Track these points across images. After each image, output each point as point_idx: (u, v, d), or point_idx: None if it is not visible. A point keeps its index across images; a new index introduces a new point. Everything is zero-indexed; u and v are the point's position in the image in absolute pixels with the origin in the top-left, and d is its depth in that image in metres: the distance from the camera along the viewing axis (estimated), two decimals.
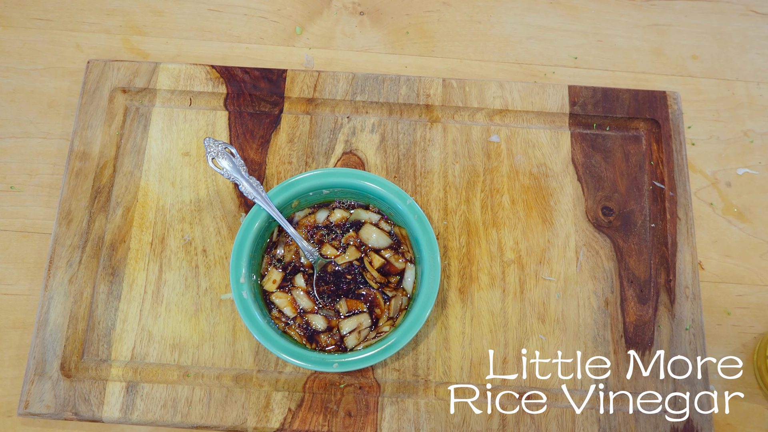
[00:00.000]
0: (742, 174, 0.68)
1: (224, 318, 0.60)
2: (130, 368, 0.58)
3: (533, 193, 0.65)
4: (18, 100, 0.69)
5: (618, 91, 0.68)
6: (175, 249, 0.62)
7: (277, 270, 0.60)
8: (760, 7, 0.75)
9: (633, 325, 0.61)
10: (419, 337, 0.60)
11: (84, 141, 0.65)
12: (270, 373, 0.58)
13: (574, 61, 0.72)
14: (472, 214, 0.64)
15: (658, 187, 0.65)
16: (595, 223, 0.64)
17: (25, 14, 0.73)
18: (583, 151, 0.67)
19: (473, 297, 0.61)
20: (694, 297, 0.61)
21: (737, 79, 0.72)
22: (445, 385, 0.58)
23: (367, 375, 0.58)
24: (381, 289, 0.59)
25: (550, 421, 0.57)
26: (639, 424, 0.57)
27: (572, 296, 0.61)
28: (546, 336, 0.60)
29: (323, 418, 0.57)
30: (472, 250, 0.63)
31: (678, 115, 0.68)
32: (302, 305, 0.59)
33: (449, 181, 0.65)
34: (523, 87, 0.68)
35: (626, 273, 0.62)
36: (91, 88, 0.67)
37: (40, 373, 0.58)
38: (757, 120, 0.70)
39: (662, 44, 0.73)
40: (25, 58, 0.71)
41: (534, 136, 0.67)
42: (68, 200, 0.63)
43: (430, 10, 0.74)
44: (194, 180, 0.65)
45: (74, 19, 0.73)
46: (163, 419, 0.57)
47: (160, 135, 0.66)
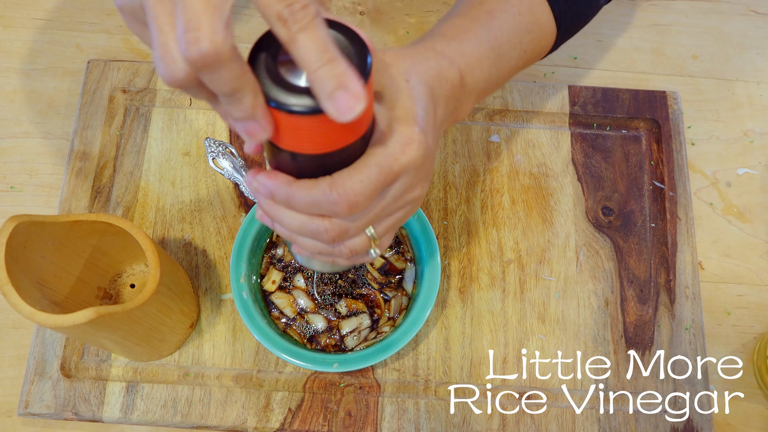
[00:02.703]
0: (742, 174, 0.68)
1: (224, 318, 0.60)
2: (130, 368, 0.58)
3: (533, 193, 0.65)
4: (18, 100, 0.69)
5: (618, 91, 0.68)
6: (175, 249, 0.62)
7: (277, 270, 0.60)
8: (760, 7, 0.75)
9: (633, 325, 0.61)
10: (419, 337, 0.60)
11: (84, 141, 0.65)
12: (270, 373, 0.58)
13: (573, 61, 0.72)
14: (472, 214, 0.64)
15: (658, 187, 0.65)
16: (595, 223, 0.64)
17: (25, 14, 0.73)
18: (583, 151, 0.67)
19: (473, 297, 0.61)
20: (694, 297, 0.61)
21: (737, 79, 0.72)
22: (445, 385, 0.58)
23: (367, 375, 0.58)
24: (381, 289, 0.59)
25: (550, 421, 0.57)
26: (639, 424, 0.57)
27: (572, 296, 0.61)
28: (546, 336, 0.60)
29: (323, 418, 0.57)
30: (472, 250, 0.63)
31: (678, 115, 0.68)
32: (302, 305, 0.59)
33: (449, 181, 0.65)
34: (523, 87, 0.68)
35: (626, 273, 0.62)
36: (91, 88, 0.67)
37: (40, 373, 0.58)
38: (757, 120, 0.70)
39: (662, 44, 0.73)
40: (25, 58, 0.71)
41: (534, 136, 0.67)
42: (68, 200, 0.63)
43: (430, 10, 0.74)
44: (194, 180, 0.65)
45: (74, 19, 0.73)
46: (163, 419, 0.57)
47: (160, 135, 0.66)
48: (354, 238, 0.37)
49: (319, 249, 0.38)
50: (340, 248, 0.38)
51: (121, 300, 0.59)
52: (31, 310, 0.43)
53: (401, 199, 0.37)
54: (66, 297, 0.52)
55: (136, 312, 0.47)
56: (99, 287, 0.58)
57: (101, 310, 0.43)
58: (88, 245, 0.53)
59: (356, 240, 0.37)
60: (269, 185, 0.34)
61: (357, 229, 0.36)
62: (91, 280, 0.56)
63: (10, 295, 0.43)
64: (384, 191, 0.35)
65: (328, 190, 0.33)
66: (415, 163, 0.35)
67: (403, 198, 0.37)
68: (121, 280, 0.60)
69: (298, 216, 0.35)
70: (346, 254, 0.38)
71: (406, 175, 0.35)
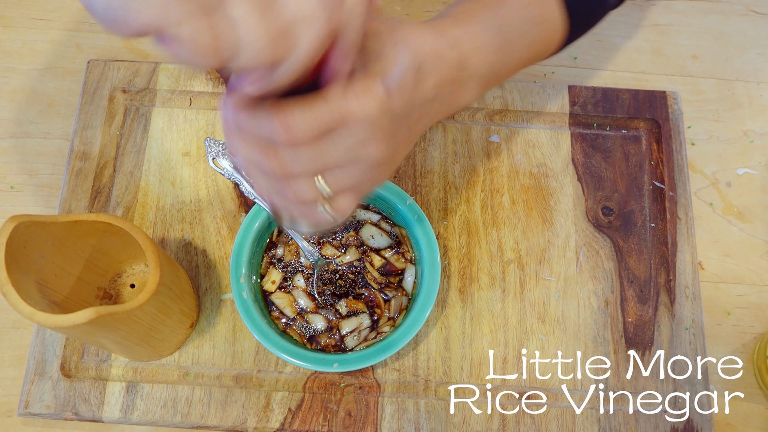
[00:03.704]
0: (742, 174, 0.68)
1: (224, 318, 0.60)
2: (130, 368, 0.58)
3: (533, 193, 0.65)
4: (18, 100, 0.69)
5: (618, 91, 0.68)
6: (175, 249, 0.62)
7: (277, 270, 0.60)
8: (760, 7, 0.75)
9: (633, 325, 0.61)
10: (419, 337, 0.60)
11: (84, 141, 0.65)
12: (270, 373, 0.58)
13: (574, 61, 0.72)
14: (472, 214, 0.64)
15: (658, 187, 0.65)
16: (595, 223, 0.64)
17: (25, 14, 0.73)
18: (583, 151, 0.67)
19: (473, 297, 0.61)
20: (694, 297, 0.61)
21: (737, 79, 0.72)
22: (445, 385, 0.58)
23: (367, 375, 0.58)
24: (381, 289, 0.59)
25: (550, 421, 0.57)
26: (639, 424, 0.57)
27: (572, 296, 0.61)
28: (546, 336, 0.60)
29: (323, 418, 0.57)
30: (472, 250, 0.63)
31: (678, 115, 0.68)
32: (302, 305, 0.59)
33: (449, 181, 0.65)
34: (523, 87, 0.68)
35: (626, 273, 0.62)
36: (91, 88, 0.67)
37: (40, 373, 0.58)
38: (757, 120, 0.70)
39: (662, 44, 0.73)
40: (25, 58, 0.71)
41: (534, 136, 0.67)
42: (68, 200, 0.63)
43: (429, 10, 0.74)
44: (194, 180, 0.65)
45: (74, 19, 0.73)
46: (163, 419, 0.57)
47: (160, 135, 0.66)
48: (300, 182, 0.36)
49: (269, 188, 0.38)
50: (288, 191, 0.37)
51: (121, 300, 0.59)
52: (31, 310, 0.43)
53: (352, 152, 0.35)
54: (66, 297, 0.52)
55: (136, 312, 0.47)
56: (99, 287, 0.58)
57: (101, 310, 0.43)
58: (88, 245, 0.53)
59: (302, 185, 0.36)
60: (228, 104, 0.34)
61: (302, 169, 0.35)
62: (91, 280, 0.56)
63: (10, 295, 0.43)
64: (331, 136, 0.34)
65: (270, 114, 0.32)
66: (368, 115, 0.34)
67: (354, 152, 0.35)
68: (121, 280, 0.60)
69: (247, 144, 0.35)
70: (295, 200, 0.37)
71: (357, 126, 0.34)
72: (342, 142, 0.35)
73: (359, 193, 0.39)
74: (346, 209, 0.39)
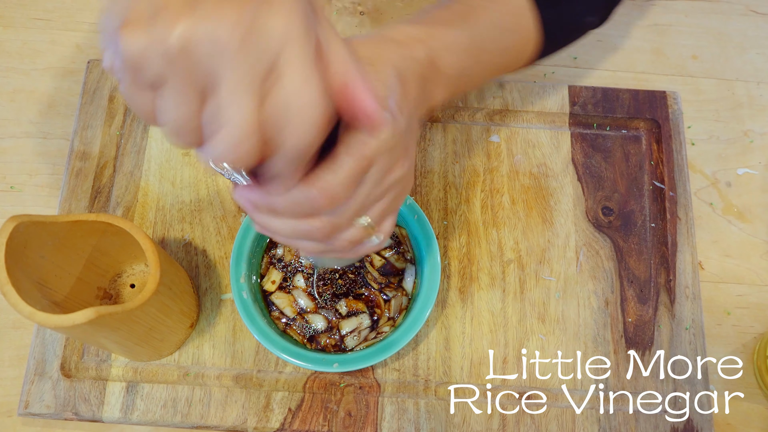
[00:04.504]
0: (742, 174, 0.68)
1: (224, 318, 0.60)
2: (130, 368, 0.58)
3: (533, 193, 0.65)
4: (18, 100, 0.69)
5: (618, 91, 0.68)
6: (174, 249, 0.62)
7: (277, 270, 0.60)
8: (760, 7, 0.75)
9: (633, 325, 0.61)
10: (419, 337, 0.60)
11: (84, 141, 0.65)
12: (270, 373, 0.58)
13: (573, 60, 0.72)
14: (472, 214, 0.64)
15: (658, 187, 0.65)
16: (595, 223, 0.64)
17: (25, 14, 0.73)
18: (583, 151, 0.67)
19: (473, 297, 0.61)
20: (694, 297, 0.61)
21: (737, 79, 0.72)
22: (445, 385, 0.58)
23: (367, 375, 0.58)
24: (381, 289, 0.59)
25: (550, 421, 0.57)
26: (639, 424, 0.57)
27: (572, 296, 0.61)
28: (546, 336, 0.60)
29: (323, 418, 0.57)
30: (472, 250, 0.63)
31: (678, 115, 0.68)
32: (302, 305, 0.59)
33: (449, 181, 0.65)
34: (523, 87, 0.68)
35: (626, 273, 0.62)
36: (91, 88, 0.67)
37: (40, 373, 0.58)
38: (757, 120, 0.70)
39: (662, 44, 0.73)
40: (25, 58, 0.71)
41: (534, 136, 0.67)
42: (68, 200, 0.63)
43: None
44: (194, 180, 0.65)
45: (74, 19, 0.73)
46: (163, 419, 0.57)
47: (160, 135, 0.66)
48: (348, 230, 0.37)
49: (319, 248, 0.38)
50: (338, 243, 0.38)
51: (121, 300, 0.59)
52: (31, 310, 0.43)
53: (384, 183, 0.37)
54: (66, 297, 0.52)
55: (136, 312, 0.47)
56: (99, 287, 0.58)
57: (101, 310, 0.43)
58: (88, 245, 0.53)
59: (351, 231, 0.38)
60: (250, 197, 0.34)
61: (347, 220, 0.36)
62: (91, 280, 0.56)
63: (10, 295, 0.43)
64: (362, 178, 0.35)
65: (306, 189, 0.33)
66: (386, 145, 0.35)
67: (385, 181, 0.37)
68: (121, 280, 0.60)
69: (287, 221, 0.35)
70: (346, 246, 0.38)
71: (381, 159, 0.35)
72: (373, 179, 0.36)
73: (397, 210, 0.41)
74: (390, 230, 0.41)
